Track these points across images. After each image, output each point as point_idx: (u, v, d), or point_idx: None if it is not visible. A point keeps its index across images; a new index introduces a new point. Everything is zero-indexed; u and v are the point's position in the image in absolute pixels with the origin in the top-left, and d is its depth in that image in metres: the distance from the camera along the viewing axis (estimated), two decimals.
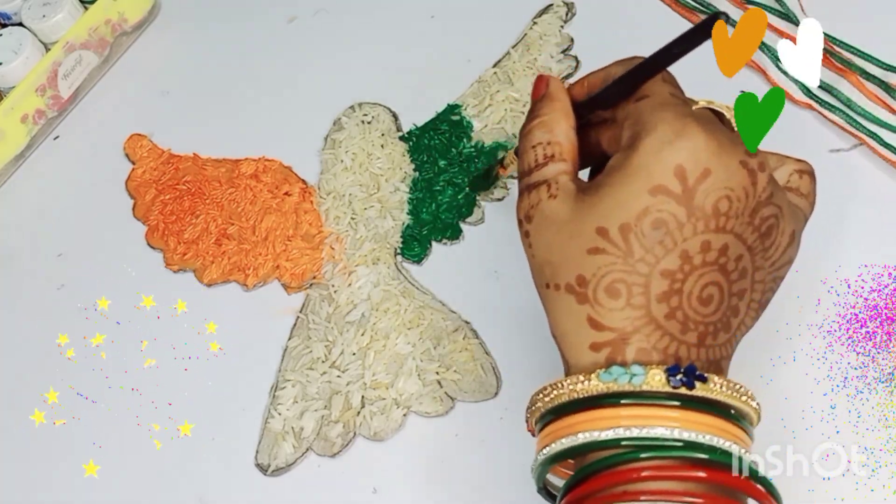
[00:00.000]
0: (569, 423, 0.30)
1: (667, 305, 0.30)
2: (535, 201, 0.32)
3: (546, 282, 0.32)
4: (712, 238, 0.30)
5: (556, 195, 0.32)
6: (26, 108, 0.54)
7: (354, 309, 0.47)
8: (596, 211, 0.30)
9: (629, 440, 0.29)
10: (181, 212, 0.52)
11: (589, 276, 0.30)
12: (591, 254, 0.30)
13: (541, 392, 0.31)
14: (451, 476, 0.42)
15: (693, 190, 0.29)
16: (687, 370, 0.29)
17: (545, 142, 0.33)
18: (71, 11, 0.56)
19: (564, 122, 0.34)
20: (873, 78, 0.50)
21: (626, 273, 0.30)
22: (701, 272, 0.30)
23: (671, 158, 0.29)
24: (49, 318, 0.50)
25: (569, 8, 0.56)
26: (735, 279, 0.30)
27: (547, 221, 0.32)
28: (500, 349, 0.45)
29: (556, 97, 0.35)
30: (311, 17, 0.59)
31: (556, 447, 0.30)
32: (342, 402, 0.45)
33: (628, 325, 0.30)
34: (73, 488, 0.45)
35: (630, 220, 0.29)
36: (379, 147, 0.52)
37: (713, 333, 0.30)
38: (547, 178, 0.33)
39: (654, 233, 0.29)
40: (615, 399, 0.29)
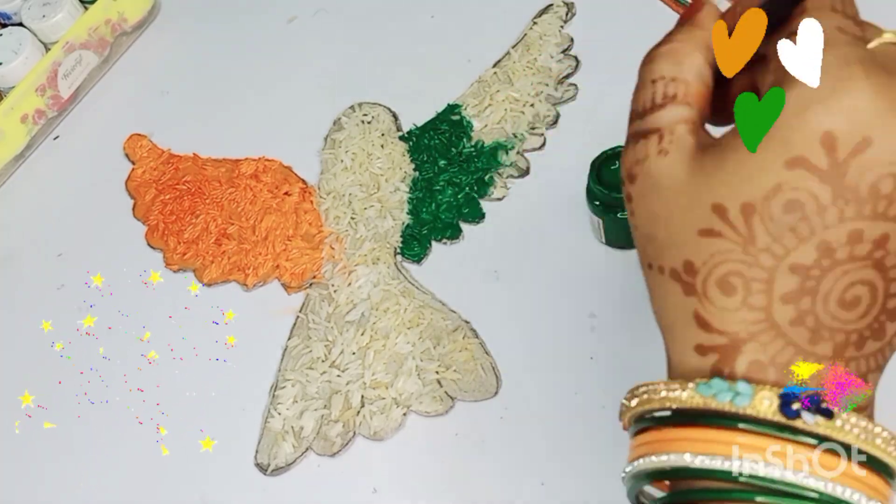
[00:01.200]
0: (665, 436, 0.25)
1: (794, 308, 0.24)
2: (643, 155, 0.26)
3: (649, 261, 0.26)
4: (866, 227, 0.23)
5: (669, 151, 0.25)
6: (26, 108, 0.55)
7: (354, 308, 0.47)
8: (714, 182, 0.24)
9: (742, 476, 0.23)
10: (181, 212, 0.52)
11: (699, 263, 0.24)
12: (703, 236, 0.24)
13: (637, 389, 0.27)
14: (451, 476, 0.42)
15: (845, 165, 0.23)
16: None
17: (669, 77, 0.26)
18: (71, 11, 0.56)
19: (699, 56, 0.27)
20: None
21: (745, 265, 0.24)
22: (846, 268, 0.24)
23: (818, 121, 0.23)
24: (49, 318, 0.50)
25: (569, 8, 0.56)
26: (894, 277, 0.24)
27: (654, 186, 0.26)
28: (500, 349, 0.45)
29: (700, 24, 0.27)
30: (311, 17, 0.59)
31: (646, 463, 0.26)
32: (342, 402, 0.45)
33: (742, 329, 0.24)
34: (74, 488, 0.45)
35: (756, 200, 0.23)
36: (379, 147, 0.52)
37: (857, 343, 0.24)
38: (661, 126, 0.26)
39: (786, 217, 0.23)
40: (727, 420, 0.24)
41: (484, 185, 0.50)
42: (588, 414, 0.43)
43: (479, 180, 0.50)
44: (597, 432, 0.42)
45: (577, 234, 0.47)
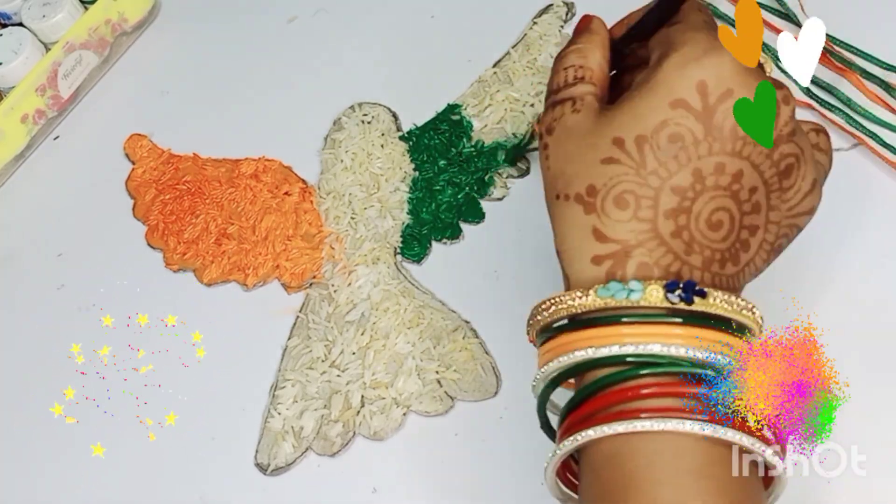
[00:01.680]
0: (567, 340, 0.30)
1: (674, 223, 0.29)
2: (559, 115, 0.33)
3: (557, 192, 0.32)
4: (727, 161, 0.29)
5: (580, 109, 0.32)
6: (26, 108, 0.54)
7: (354, 308, 0.47)
8: (615, 122, 0.30)
9: (630, 356, 0.28)
10: (181, 212, 0.52)
11: (599, 185, 0.30)
12: (604, 163, 0.30)
13: (540, 306, 0.31)
14: (451, 476, 0.42)
15: (713, 108, 0.29)
16: (686, 285, 0.29)
17: (577, 65, 0.34)
18: (71, 11, 0.56)
19: (599, 53, 0.34)
20: (873, 77, 0.50)
21: (637, 185, 0.29)
22: (712, 194, 0.29)
23: (695, 73, 0.29)
24: (49, 318, 0.50)
25: (569, 8, 0.56)
26: (747, 211, 0.30)
27: (567, 132, 0.32)
28: (500, 349, 0.45)
29: (595, 30, 0.35)
30: (311, 17, 0.59)
31: (554, 365, 0.30)
32: (342, 402, 0.45)
33: (632, 237, 0.30)
34: (74, 488, 0.45)
35: (647, 132, 0.29)
36: (379, 147, 0.52)
37: (720, 261, 0.30)
38: (574, 95, 0.33)
39: (670, 146, 0.29)
40: (615, 316, 0.29)
41: (484, 185, 0.50)
42: None
43: (479, 180, 0.50)
44: None
45: None
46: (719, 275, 0.30)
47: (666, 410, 0.28)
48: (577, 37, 0.36)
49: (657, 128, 0.29)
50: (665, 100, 0.29)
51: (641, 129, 0.30)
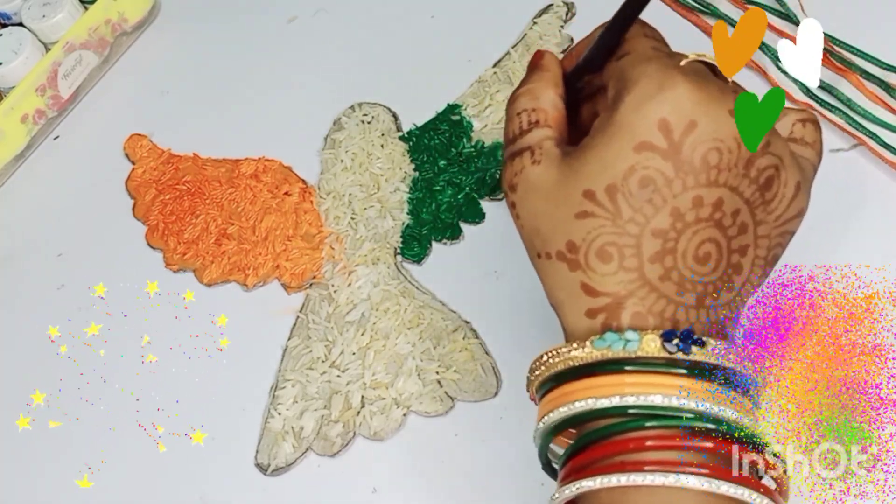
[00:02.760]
0: (567, 390, 0.29)
1: (661, 266, 0.29)
2: (519, 168, 0.31)
3: (537, 251, 0.31)
4: (704, 193, 0.28)
5: (540, 161, 0.31)
6: (26, 108, 0.54)
7: (354, 309, 0.47)
8: (581, 174, 0.29)
9: (632, 408, 0.28)
10: (181, 212, 0.52)
11: (579, 241, 0.29)
12: (579, 218, 0.29)
13: (539, 360, 0.31)
14: (451, 476, 0.42)
15: (679, 143, 0.28)
16: (683, 334, 0.28)
17: (530, 108, 0.32)
18: (71, 11, 0.56)
19: (552, 91, 0.33)
20: (873, 78, 0.50)
21: (617, 235, 0.29)
22: (695, 229, 0.29)
23: (654, 112, 0.28)
24: (49, 318, 0.50)
25: (569, 8, 0.56)
26: (734, 235, 0.29)
27: (532, 188, 0.31)
28: (500, 349, 0.45)
29: (545, 67, 0.34)
30: (311, 17, 0.59)
31: (555, 416, 0.30)
32: (342, 402, 0.45)
33: (622, 288, 0.29)
34: (74, 488, 0.45)
35: (616, 180, 0.29)
36: (379, 147, 0.52)
37: (713, 293, 0.29)
38: (531, 145, 0.31)
39: (642, 191, 0.28)
40: (616, 366, 0.28)
41: (484, 185, 0.50)
42: None
43: (479, 180, 0.50)
44: None
45: None
46: (716, 306, 0.30)
47: (667, 464, 0.27)
48: (527, 76, 0.34)
49: (626, 174, 0.28)
50: (628, 144, 0.28)
51: (610, 178, 0.29)
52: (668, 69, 0.29)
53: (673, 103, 0.28)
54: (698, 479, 0.27)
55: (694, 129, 0.28)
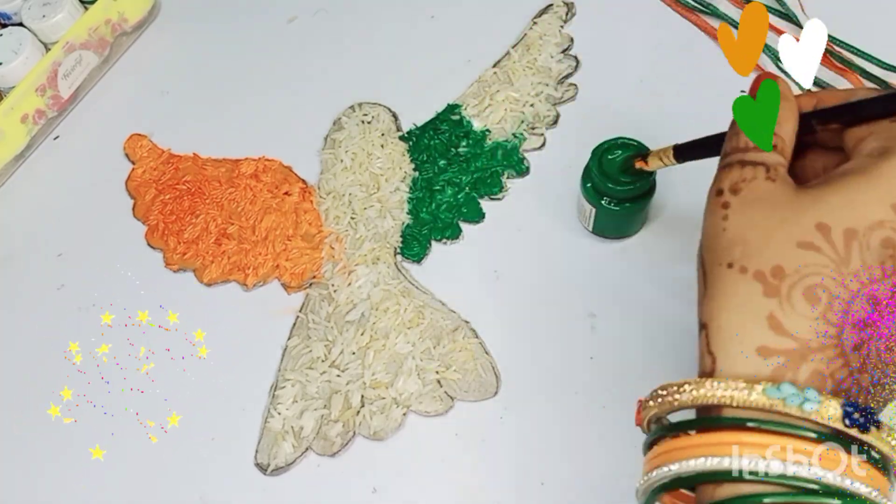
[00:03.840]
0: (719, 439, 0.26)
1: (859, 336, 0.26)
2: (749, 176, 0.29)
3: (731, 261, 0.28)
4: None
5: (776, 179, 0.29)
6: (26, 108, 0.54)
7: (354, 308, 0.47)
8: (822, 205, 0.27)
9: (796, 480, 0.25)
10: (181, 212, 0.52)
11: (790, 270, 0.27)
12: (801, 248, 0.27)
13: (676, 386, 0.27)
14: (451, 476, 0.42)
15: None
16: (865, 410, 0.25)
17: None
18: (71, 11, 0.56)
19: (791, 123, 0.31)
20: (873, 78, 0.50)
21: (834, 282, 0.26)
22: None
23: None
24: (49, 318, 0.50)
25: (569, 8, 0.56)
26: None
27: (759, 199, 0.28)
28: (499, 349, 0.45)
29: (787, 97, 0.32)
30: (311, 17, 0.59)
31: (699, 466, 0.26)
32: (342, 402, 0.45)
33: (814, 339, 0.26)
34: (74, 488, 0.45)
35: (859, 227, 0.26)
36: (379, 147, 0.52)
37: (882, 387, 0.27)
38: (766, 161, 0.29)
39: (881, 251, 0.26)
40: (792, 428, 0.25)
41: (484, 185, 0.50)
42: (588, 414, 0.43)
43: (479, 180, 0.50)
44: (597, 432, 0.42)
45: (578, 233, 0.47)
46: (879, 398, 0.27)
47: None
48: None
49: (872, 226, 0.26)
50: (887, 199, 0.26)
51: (853, 222, 0.26)
52: None
53: None
54: None
55: None
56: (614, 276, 0.46)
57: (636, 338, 0.44)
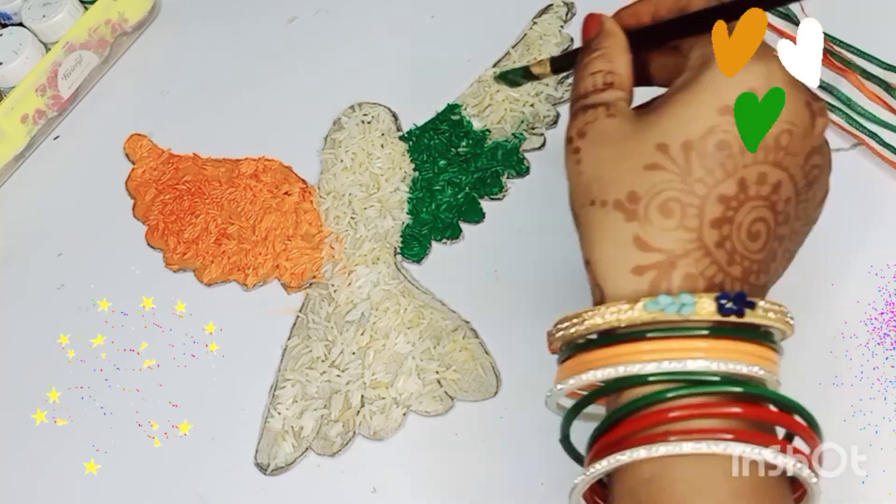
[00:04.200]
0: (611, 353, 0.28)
1: (718, 233, 0.28)
2: (592, 118, 0.31)
3: (592, 198, 0.30)
4: (769, 171, 0.29)
5: (616, 115, 0.31)
6: (26, 108, 0.55)
7: (354, 308, 0.47)
8: (658, 127, 0.29)
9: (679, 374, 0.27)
10: (181, 212, 0.52)
11: (643, 192, 0.29)
12: (647, 170, 0.29)
13: (572, 316, 0.30)
14: (451, 476, 0.42)
15: None
16: (737, 296, 0.28)
17: (605, 70, 0.33)
18: (71, 11, 0.56)
19: (624, 57, 0.33)
20: (873, 78, 0.49)
21: (683, 192, 0.28)
22: (754, 204, 0.29)
23: (744, 80, 0.28)
24: (49, 318, 0.50)
25: (569, 8, 0.56)
26: (781, 221, 0.30)
27: (603, 136, 0.31)
28: (499, 349, 0.45)
29: (613, 32, 0.34)
30: (311, 17, 0.59)
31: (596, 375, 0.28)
32: (342, 402, 0.45)
33: (678, 247, 0.28)
34: (74, 488, 0.45)
35: (694, 138, 0.28)
36: (379, 147, 0.52)
37: (756, 272, 0.29)
38: (606, 101, 0.32)
39: (717, 153, 0.28)
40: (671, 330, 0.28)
41: (484, 185, 0.50)
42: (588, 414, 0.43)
43: (479, 180, 0.50)
44: None
45: None
46: (752, 285, 0.29)
47: (712, 432, 0.27)
48: (595, 41, 0.34)
49: (704, 134, 0.28)
50: (712, 106, 0.29)
51: (687, 134, 0.28)
52: (764, 45, 0.29)
53: (766, 76, 0.28)
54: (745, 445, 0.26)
55: None
56: None
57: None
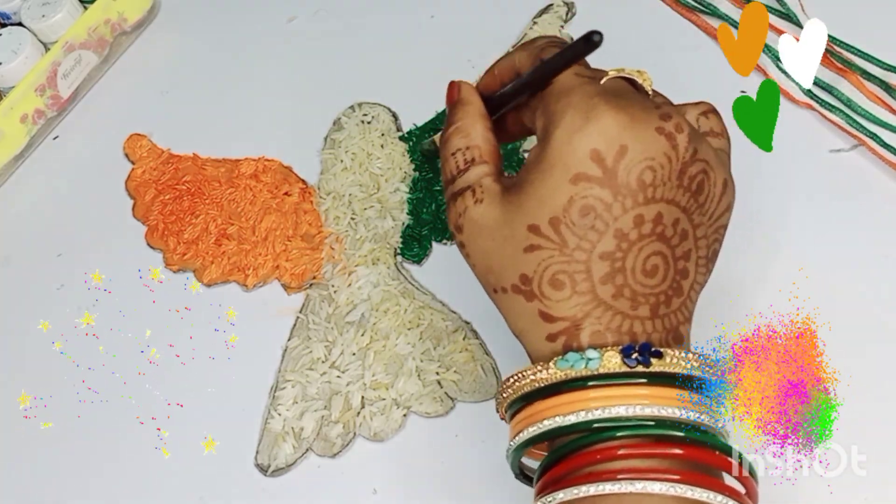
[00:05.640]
0: (535, 410, 0.30)
1: (612, 286, 0.30)
2: (462, 209, 0.33)
3: (493, 287, 0.32)
4: (644, 211, 0.29)
5: (482, 199, 0.32)
6: (26, 108, 0.54)
7: (354, 309, 0.47)
8: (523, 210, 0.30)
9: (598, 421, 0.29)
10: (181, 212, 0.52)
11: (531, 273, 0.30)
12: (527, 252, 0.30)
13: (506, 382, 0.32)
14: (451, 476, 0.42)
15: (614, 170, 0.29)
16: (641, 348, 0.29)
17: (463, 147, 0.34)
18: (70, 11, 0.56)
19: (480, 125, 0.34)
20: (873, 78, 0.50)
21: (566, 263, 0.30)
22: (640, 246, 0.30)
23: (584, 144, 0.29)
24: (49, 318, 0.50)
25: (569, 8, 0.56)
26: (677, 243, 0.30)
27: (477, 228, 0.32)
28: (500, 349, 0.45)
29: (468, 101, 0.35)
30: (311, 17, 0.59)
31: (524, 435, 0.30)
32: (342, 403, 0.45)
33: (578, 311, 0.30)
34: (74, 488, 0.45)
35: (557, 213, 0.30)
36: (379, 147, 0.52)
37: (665, 302, 0.31)
38: (470, 184, 0.33)
39: (584, 220, 0.29)
40: (580, 383, 0.29)
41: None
42: None
43: None
44: None
45: None
46: (667, 313, 0.31)
47: (636, 471, 0.28)
48: (451, 113, 0.35)
49: (566, 207, 0.29)
50: (564, 178, 0.29)
51: (551, 211, 0.30)
52: (591, 98, 0.30)
53: (601, 133, 0.29)
54: (665, 484, 0.28)
55: (625, 154, 0.29)
56: None
57: None
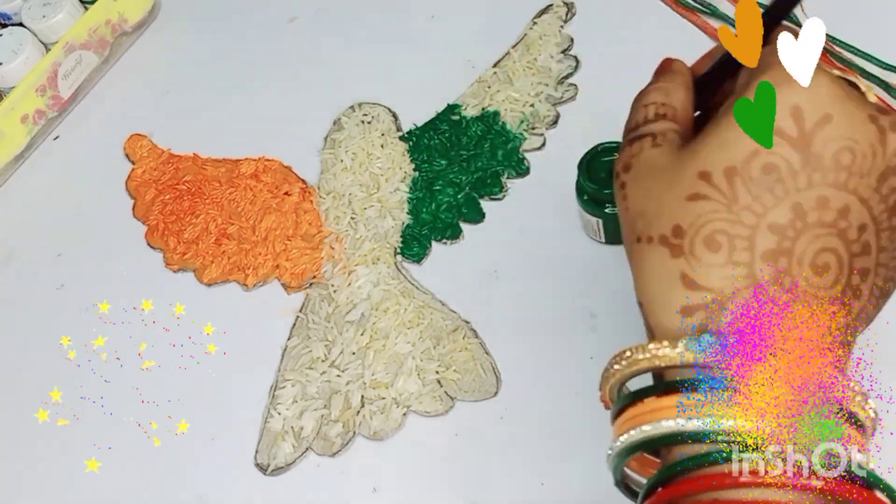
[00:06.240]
0: (653, 406, 0.26)
1: (773, 268, 0.25)
2: (637, 151, 0.29)
3: (638, 235, 0.28)
4: (831, 194, 0.25)
5: (661, 145, 0.29)
6: (26, 109, 0.55)
7: (354, 308, 0.47)
8: (699, 154, 0.27)
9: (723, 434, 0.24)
10: (181, 212, 0.52)
11: (686, 225, 0.26)
12: (690, 200, 0.26)
13: (622, 354, 0.27)
14: (451, 476, 0.42)
15: (811, 135, 0.25)
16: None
17: (659, 102, 0.30)
18: (71, 12, 0.56)
19: (683, 92, 0.31)
20: (873, 78, 0.50)
21: (730, 223, 0.26)
22: (816, 232, 0.25)
23: (787, 98, 0.26)
24: (49, 318, 0.50)
25: (569, 8, 0.56)
26: (857, 252, 0.26)
27: (646, 169, 0.28)
28: (499, 349, 0.45)
29: (677, 70, 0.32)
30: (311, 17, 0.59)
31: (635, 435, 0.26)
32: (342, 402, 0.45)
33: (727, 285, 0.25)
34: (74, 488, 0.45)
35: (736, 163, 0.26)
36: (379, 147, 0.52)
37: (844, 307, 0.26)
38: (654, 131, 0.29)
39: (764, 178, 0.25)
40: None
41: (484, 185, 0.50)
42: (588, 414, 0.42)
43: (479, 180, 0.50)
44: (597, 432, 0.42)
45: (578, 233, 0.47)
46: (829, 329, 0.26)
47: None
48: (658, 76, 0.32)
49: (748, 157, 0.26)
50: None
51: (730, 159, 0.26)
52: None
53: (810, 92, 0.26)
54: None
55: (828, 123, 0.26)
56: (615, 275, 0.46)
57: (636, 338, 0.44)
